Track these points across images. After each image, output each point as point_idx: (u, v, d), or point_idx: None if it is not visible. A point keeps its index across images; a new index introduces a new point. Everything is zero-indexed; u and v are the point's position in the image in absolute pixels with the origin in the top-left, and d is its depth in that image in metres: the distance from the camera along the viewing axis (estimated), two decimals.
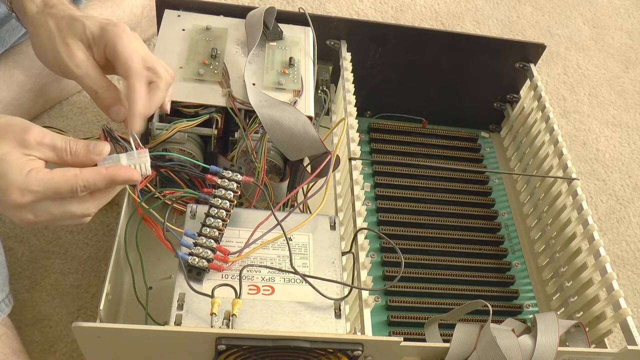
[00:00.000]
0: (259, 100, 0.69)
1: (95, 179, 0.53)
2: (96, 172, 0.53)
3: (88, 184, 0.52)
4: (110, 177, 0.53)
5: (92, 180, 0.52)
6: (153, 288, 0.71)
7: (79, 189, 0.52)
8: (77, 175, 0.52)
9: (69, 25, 0.58)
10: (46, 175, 0.51)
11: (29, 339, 0.72)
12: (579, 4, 1.45)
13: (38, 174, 0.50)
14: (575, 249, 0.78)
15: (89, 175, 0.52)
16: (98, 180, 0.53)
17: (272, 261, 0.61)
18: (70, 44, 0.58)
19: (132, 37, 0.59)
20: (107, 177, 0.53)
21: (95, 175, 0.53)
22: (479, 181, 0.93)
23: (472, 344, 0.58)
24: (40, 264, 0.78)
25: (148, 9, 1.00)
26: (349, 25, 0.87)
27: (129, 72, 0.57)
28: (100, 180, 0.53)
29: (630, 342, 0.66)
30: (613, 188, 1.09)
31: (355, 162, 0.73)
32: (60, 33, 0.58)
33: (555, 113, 1.08)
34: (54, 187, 0.51)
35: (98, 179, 0.53)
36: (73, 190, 0.52)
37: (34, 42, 0.61)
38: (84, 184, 0.52)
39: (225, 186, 0.62)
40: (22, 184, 0.50)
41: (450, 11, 1.33)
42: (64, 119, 0.92)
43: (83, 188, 0.52)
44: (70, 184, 0.51)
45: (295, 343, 0.52)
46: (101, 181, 0.53)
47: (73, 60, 0.58)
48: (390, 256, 0.80)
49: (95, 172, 0.53)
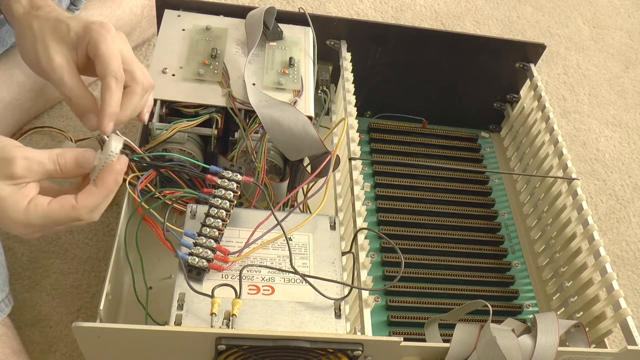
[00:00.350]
0: (259, 100, 0.69)
1: (93, 200, 0.53)
2: (91, 194, 0.53)
3: (89, 208, 0.53)
4: (106, 190, 0.54)
5: (91, 203, 0.53)
6: (153, 288, 0.71)
7: (84, 217, 0.53)
8: (75, 206, 0.52)
9: (53, 27, 0.58)
10: (45, 209, 0.51)
11: (29, 339, 0.72)
12: (579, 4, 1.45)
13: (37, 208, 0.51)
14: (575, 249, 0.78)
15: (87, 201, 0.53)
16: (97, 199, 0.53)
17: (272, 261, 0.61)
18: (50, 46, 0.57)
19: (115, 38, 0.58)
20: (103, 191, 0.53)
21: (91, 197, 0.53)
22: (479, 181, 0.93)
23: (472, 344, 0.58)
24: (40, 264, 0.78)
25: (148, 8, 1.00)
26: (349, 25, 0.87)
27: (106, 72, 0.57)
28: (98, 198, 0.53)
29: (630, 342, 0.66)
30: (613, 188, 1.09)
31: (355, 162, 0.73)
32: (43, 35, 0.58)
33: (555, 113, 1.08)
34: (54, 219, 0.52)
35: (96, 199, 0.53)
36: (76, 219, 0.53)
37: (18, 43, 0.61)
38: (86, 211, 0.53)
39: (225, 186, 0.62)
40: (23, 220, 0.51)
41: (450, 11, 1.33)
42: (64, 119, 0.92)
43: (86, 215, 0.53)
44: (71, 216, 0.52)
45: (295, 343, 0.52)
46: (100, 198, 0.53)
47: (50, 64, 0.57)
48: (390, 256, 0.80)
49: (90, 194, 0.53)
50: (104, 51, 0.57)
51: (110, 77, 0.57)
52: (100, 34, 0.57)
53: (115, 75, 0.57)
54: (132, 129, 0.88)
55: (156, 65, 0.73)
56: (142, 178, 0.63)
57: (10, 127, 0.86)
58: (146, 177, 0.63)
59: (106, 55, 0.57)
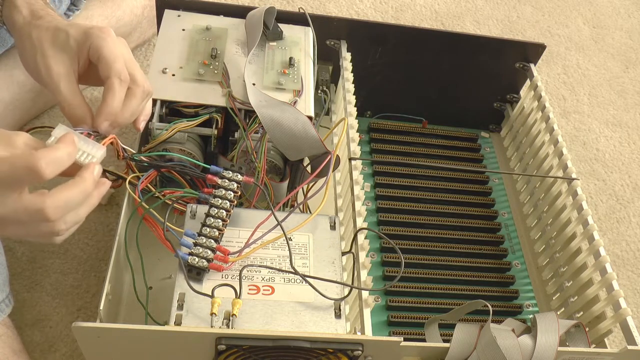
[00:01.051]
0: (259, 100, 0.69)
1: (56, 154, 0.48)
2: (53, 147, 0.48)
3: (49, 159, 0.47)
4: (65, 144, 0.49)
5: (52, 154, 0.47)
6: (153, 288, 0.71)
7: (42, 168, 0.46)
8: (33, 153, 0.46)
9: (52, 36, 0.58)
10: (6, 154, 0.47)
11: (29, 339, 0.72)
12: (579, 4, 1.45)
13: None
14: (575, 249, 0.78)
15: (49, 152, 0.47)
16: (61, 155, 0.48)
17: (272, 261, 0.61)
18: (48, 56, 0.57)
19: (117, 41, 0.58)
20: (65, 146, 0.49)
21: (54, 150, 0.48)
22: (479, 181, 0.93)
23: (472, 344, 0.58)
24: (40, 264, 0.78)
25: (148, 9, 1.00)
26: (349, 25, 0.87)
27: (110, 72, 0.56)
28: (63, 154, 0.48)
29: (630, 342, 0.66)
30: (613, 188, 1.09)
31: (355, 162, 0.73)
32: (42, 45, 0.57)
33: (555, 113, 1.08)
34: (10, 163, 0.46)
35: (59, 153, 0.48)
36: (32, 167, 0.46)
37: (19, 53, 0.60)
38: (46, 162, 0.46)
39: (226, 186, 0.62)
40: None
41: (450, 11, 1.33)
42: (64, 119, 0.92)
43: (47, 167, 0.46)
44: (26, 161, 0.46)
45: (295, 343, 0.52)
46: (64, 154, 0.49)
47: (48, 72, 0.57)
48: (390, 256, 0.80)
49: (52, 147, 0.48)
50: (107, 53, 0.57)
51: (114, 77, 0.56)
52: (101, 38, 0.57)
53: (119, 75, 0.57)
54: (133, 129, 0.88)
55: (156, 65, 0.73)
56: (142, 178, 0.63)
57: (10, 127, 0.87)
58: (147, 177, 0.63)
59: (109, 56, 0.57)
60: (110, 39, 0.57)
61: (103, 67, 0.57)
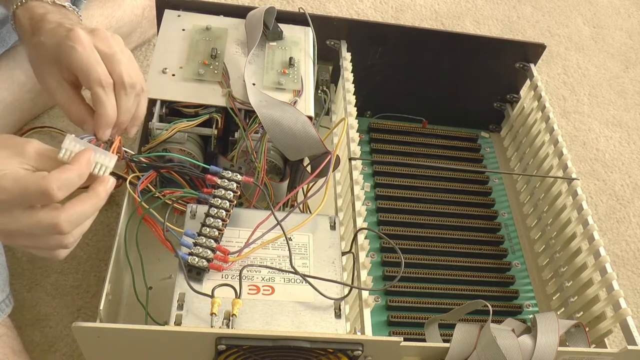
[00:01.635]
0: (259, 100, 0.69)
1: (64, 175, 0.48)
2: (63, 169, 0.48)
3: (59, 181, 0.47)
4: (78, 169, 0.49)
5: (62, 176, 0.48)
6: (153, 288, 0.71)
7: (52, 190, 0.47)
8: (45, 177, 0.47)
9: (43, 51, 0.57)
10: (18, 173, 0.47)
11: (29, 339, 0.72)
12: (579, 4, 1.45)
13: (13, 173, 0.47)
14: (575, 249, 0.78)
15: (58, 174, 0.48)
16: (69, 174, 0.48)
17: (272, 261, 0.61)
18: (42, 70, 0.57)
19: (87, 45, 0.54)
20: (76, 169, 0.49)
21: (63, 171, 0.48)
22: (479, 181, 0.93)
23: (472, 344, 0.58)
24: (40, 264, 0.78)
25: (149, 9, 1.00)
26: (349, 25, 0.87)
27: (89, 83, 0.54)
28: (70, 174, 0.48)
29: (630, 342, 0.66)
30: (613, 188, 1.09)
31: (355, 162, 0.73)
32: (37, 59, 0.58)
33: (555, 113, 1.08)
34: (24, 185, 0.47)
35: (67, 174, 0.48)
36: (44, 189, 0.47)
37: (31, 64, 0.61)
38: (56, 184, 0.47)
39: (225, 186, 0.62)
40: None
41: (450, 11, 1.33)
42: (64, 119, 0.92)
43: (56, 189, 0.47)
44: (39, 185, 0.47)
45: (295, 343, 0.52)
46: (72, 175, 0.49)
47: (44, 85, 0.58)
48: (390, 256, 0.80)
49: (63, 168, 0.48)
50: (78, 63, 0.54)
51: (95, 87, 0.55)
52: (68, 47, 0.54)
53: (100, 82, 0.54)
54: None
55: (156, 65, 0.73)
56: (142, 178, 0.63)
57: (11, 127, 0.87)
58: (147, 178, 0.63)
59: (82, 66, 0.54)
60: (78, 45, 0.54)
61: (82, 79, 0.55)
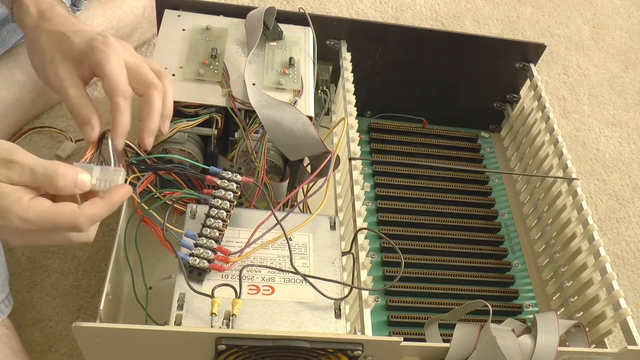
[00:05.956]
0: (259, 100, 0.69)
1: (95, 210, 0.52)
2: (94, 204, 0.52)
3: (89, 217, 0.51)
4: (110, 204, 0.53)
5: (92, 212, 0.51)
6: (153, 288, 0.71)
7: (82, 225, 0.51)
8: (75, 212, 0.50)
9: (58, 42, 0.58)
10: (46, 207, 0.50)
11: (29, 339, 0.72)
12: (579, 4, 1.45)
13: (38, 205, 0.50)
14: (575, 249, 0.78)
15: (89, 209, 0.51)
16: (99, 210, 0.52)
17: (272, 261, 0.61)
18: (55, 61, 0.58)
19: (119, 54, 0.58)
20: (107, 205, 0.53)
21: (93, 206, 0.52)
22: (479, 181, 0.93)
23: (472, 344, 0.58)
24: (40, 264, 0.78)
25: (149, 10, 1.00)
26: (349, 25, 0.87)
27: (114, 92, 0.57)
28: (101, 210, 0.52)
29: (630, 342, 0.66)
30: (613, 188, 1.09)
31: (355, 162, 0.73)
32: (50, 50, 0.58)
33: (555, 113, 1.08)
34: (53, 219, 0.50)
35: (98, 209, 0.52)
36: (73, 224, 0.51)
37: (29, 53, 0.61)
38: (85, 219, 0.51)
39: (225, 187, 0.62)
40: (22, 214, 0.49)
41: (450, 11, 1.33)
42: (64, 119, 0.92)
43: (85, 223, 0.51)
44: (69, 221, 0.50)
45: (295, 343, 0.52)
46: (102, 211, 0.52)
47: (56, 77, 0.58)
48: (390, 256, 0.80)
49: (93, 203, 0.52)
50: (109, 72, 0.57)
51: (118, 97, 0.57)
52: (103, 53, 0.57)
53: (124, 94, 0.57)
54: (132, 129, 0.88)
55: None
56: (141, 180, 0.63)
57: (11, 127, 0.87)
58: (146, 179, 0.63)
59: (112, 75, 0.57)
60: (112, 55, 0.57)
61: (106, 85, 0.57)
